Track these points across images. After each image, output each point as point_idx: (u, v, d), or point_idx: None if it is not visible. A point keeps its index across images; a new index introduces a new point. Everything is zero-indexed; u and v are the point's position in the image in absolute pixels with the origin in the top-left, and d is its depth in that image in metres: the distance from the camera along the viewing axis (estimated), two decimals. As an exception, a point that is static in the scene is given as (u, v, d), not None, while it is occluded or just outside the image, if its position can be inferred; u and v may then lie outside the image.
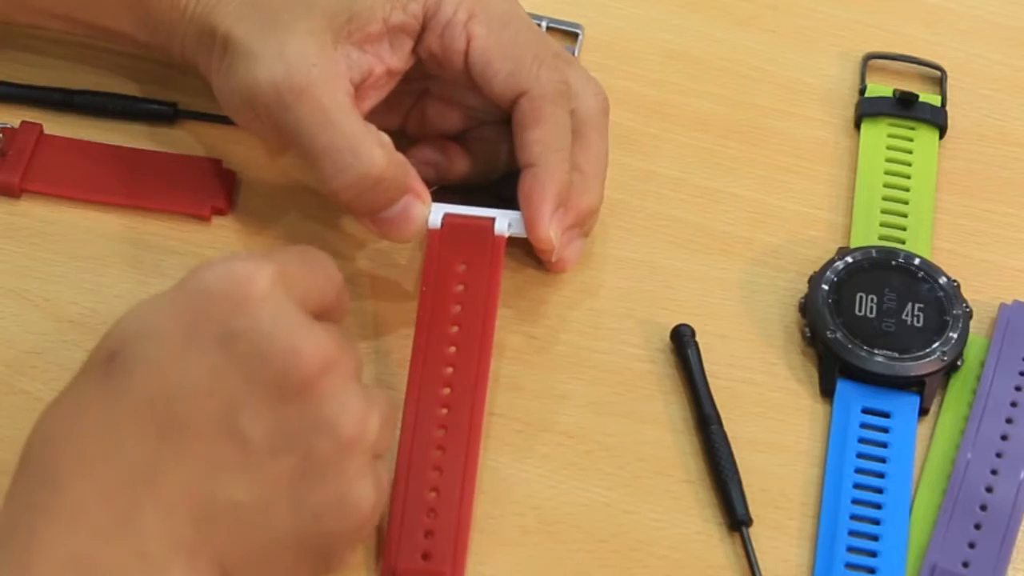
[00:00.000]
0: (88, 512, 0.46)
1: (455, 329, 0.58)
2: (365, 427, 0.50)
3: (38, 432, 0.49)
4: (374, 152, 0.57)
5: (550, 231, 0.59)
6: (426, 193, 0.60)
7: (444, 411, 0.57)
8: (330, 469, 0.49)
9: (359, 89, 0.59)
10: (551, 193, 0.59)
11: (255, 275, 0.48)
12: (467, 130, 0.65)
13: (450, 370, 0.57)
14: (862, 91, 0.71)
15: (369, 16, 0.59)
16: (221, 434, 0.48)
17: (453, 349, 0.58)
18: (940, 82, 0.72)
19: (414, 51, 0.61)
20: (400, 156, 0.59)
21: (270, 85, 0.58)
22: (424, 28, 0.61)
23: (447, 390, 0.57)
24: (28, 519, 0.46)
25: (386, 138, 0.59)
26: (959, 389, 0.62)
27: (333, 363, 0.49)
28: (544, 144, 0.60)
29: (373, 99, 0.61)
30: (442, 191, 0.63)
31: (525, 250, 0.62)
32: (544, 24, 0.72)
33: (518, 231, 0.60)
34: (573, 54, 0.71)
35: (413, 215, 0.59)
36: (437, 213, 0.60)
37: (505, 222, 0.60)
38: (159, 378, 0.48)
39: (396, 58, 0.60)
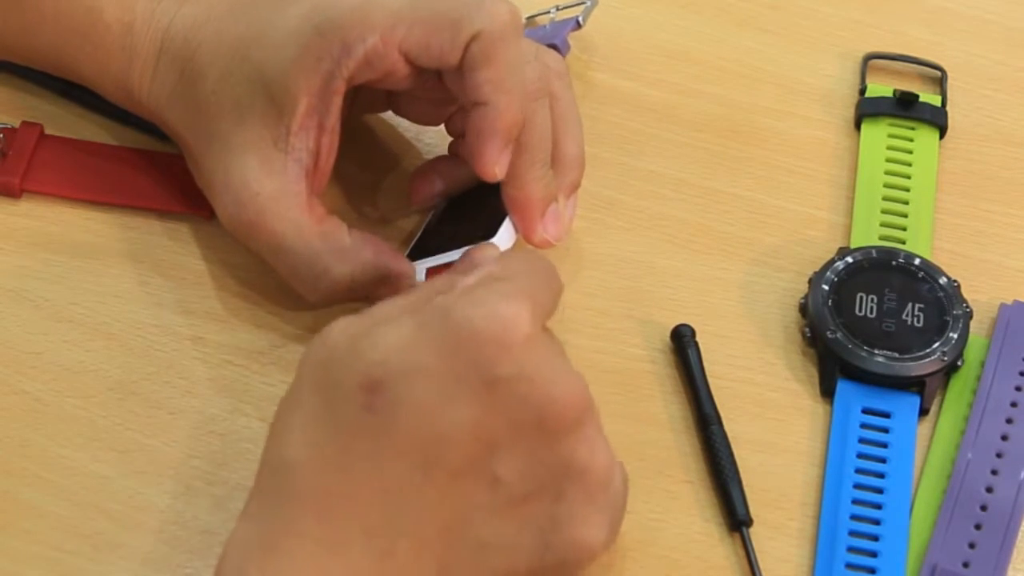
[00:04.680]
0: (351, 549, 0.47)
1: None
2: (611, 473, 0.51)
3: (291, 442, 0.49)
4: (333, 270, 0.59)
5: (495, 167, 0.58)
6: (406, 265, 0.60)
7: None
8: (576, 513, 0.50)
9: (317, 160, 0.59)
10: (500, 130, 0.57)
11: (520, 319, 0.49)
12: (447, 121, 0.64)
13: None
14: (862, 91, 0.71)
15: (293, 99, 0.58)
16: (478, 476, 0.49)
17: None
18: (940, 82, 0.72)
19: (350, 90, 0.59)
20: (367, 251, 0.59)
21: (226, 220, 0.60)
22: (347, 69, 0.58)
23: None
24: (290, 543, 0.47)
25: (346, 241, 0.59)
26: (959, 389, 0.62)
27: (586, 409, 0.50)
28: (494, 83, 0.57)
29: (332, 146, 0.59)
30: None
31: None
32: (553, 10, 0.72)
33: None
34: (579, 23, 0.71)
35: (400, 291, 0.59)
36: (421, 272, 0.60)
37: None
38: (426, 420, 0.48)
39: (333, 113, 0.58)
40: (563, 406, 0.49)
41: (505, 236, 0.59)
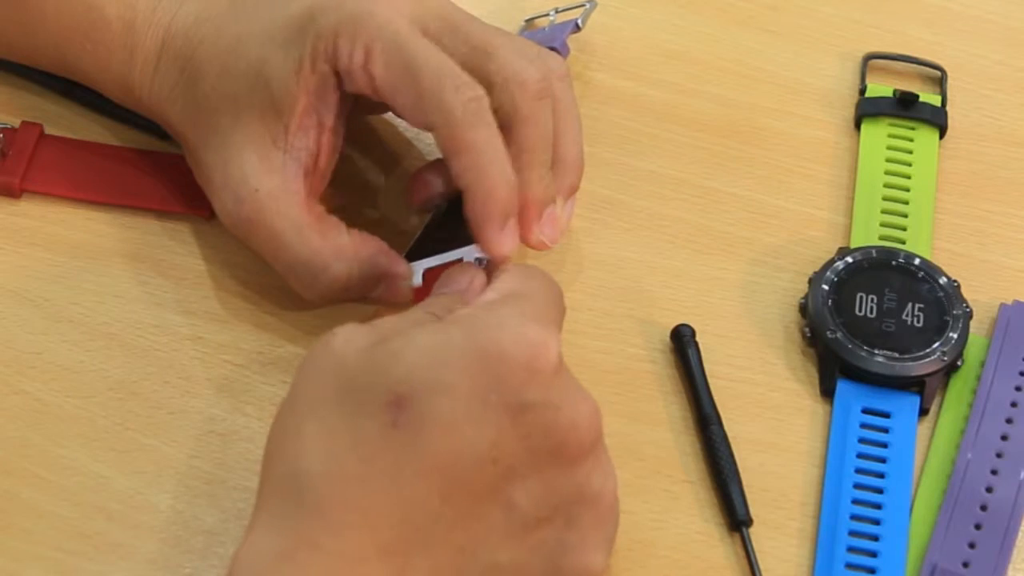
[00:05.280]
0: (367, 565, 0.47)
1: None
2: (617, 498, 0.52)
3: (306, 452, 0.48)
4: (331, 268, 0.58)
5: (502, 247, 0.57)
6: (403, 266, 0.60)
7: None
8: (586, 539, 0.50)
9: (317, 159, 0.59)
10: (493, 213, 0.57)
11: (549, 345, 0.49)
12: None
13: None
14: (862, 91, 0.71)
15: (292, 98, 0.58)
16: (494, 499, 0.49)
17: None
18: (940, 82, 0.72)
19: (344, 94, 0.59)
20: (366, 250, 0.59)
21: (225, 217, 0.60)
22: (337, 73, 0.58)
23: None
24: (306, 555, 0.47)
25: (345, 240, 0.59)
26: (959, 389, 0.62)
27: (600, 433, 0.50)
28: (471, 170, 0.57)
29: (333, 146, 0.60)
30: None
31: (524, 252, 0.62)
32: (552, 13, 0.72)
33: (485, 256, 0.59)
34: (578, 26, 0.71)
35: (396, 291, 0.60)
36: (418, 273, 0.60)
37: (472, 257, 0.59)
38: (450, 440, 0.48)
39: (333, 112, 0.59)
40: (583, 431, 0.49)
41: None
